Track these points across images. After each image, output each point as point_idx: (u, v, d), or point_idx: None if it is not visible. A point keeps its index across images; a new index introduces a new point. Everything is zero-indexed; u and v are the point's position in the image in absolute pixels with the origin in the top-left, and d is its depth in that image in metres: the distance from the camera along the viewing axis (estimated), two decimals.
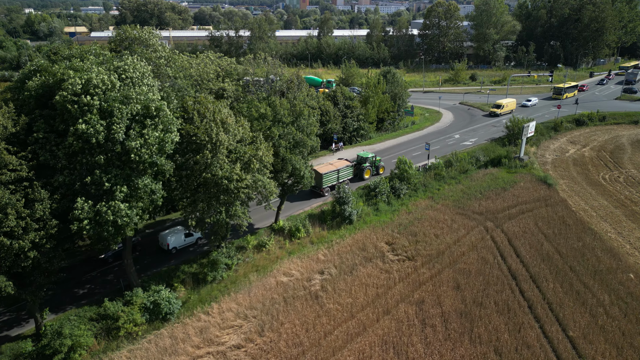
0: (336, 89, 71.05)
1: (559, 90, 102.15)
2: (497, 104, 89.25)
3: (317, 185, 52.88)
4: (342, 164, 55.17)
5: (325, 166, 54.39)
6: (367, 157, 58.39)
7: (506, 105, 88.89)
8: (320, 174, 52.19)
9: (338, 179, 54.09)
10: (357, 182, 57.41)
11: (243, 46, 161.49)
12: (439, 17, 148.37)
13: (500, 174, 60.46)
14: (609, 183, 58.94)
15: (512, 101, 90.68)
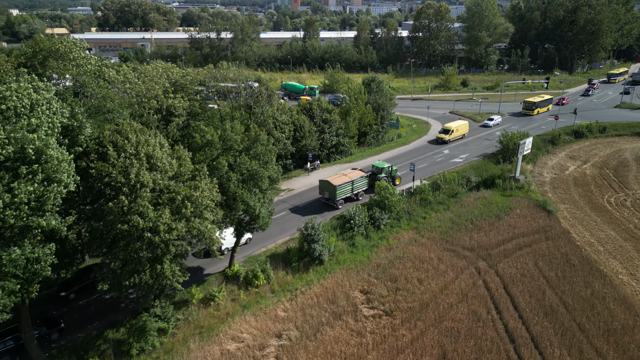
0: (312, 101, 64.14)
1: (530, 105, 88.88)
2: (446, 128, 73.66)
3: (331, 198, 49.82)
4: (357, 174, 51.77)
5: (339, 177, 50.90)
6: (382, 167, 54.52)
7: (456, 129, 73.65)
8: (334, 185, 48.84)
9: (352, 190, 50.94)
10: (371, 193, 52.55)
11: (225, 49, 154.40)
12: (429, 19, 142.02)
13: (494, 197, 53.90)
14: (615, 208, 52.54)
15: (463, 124, 75.44)
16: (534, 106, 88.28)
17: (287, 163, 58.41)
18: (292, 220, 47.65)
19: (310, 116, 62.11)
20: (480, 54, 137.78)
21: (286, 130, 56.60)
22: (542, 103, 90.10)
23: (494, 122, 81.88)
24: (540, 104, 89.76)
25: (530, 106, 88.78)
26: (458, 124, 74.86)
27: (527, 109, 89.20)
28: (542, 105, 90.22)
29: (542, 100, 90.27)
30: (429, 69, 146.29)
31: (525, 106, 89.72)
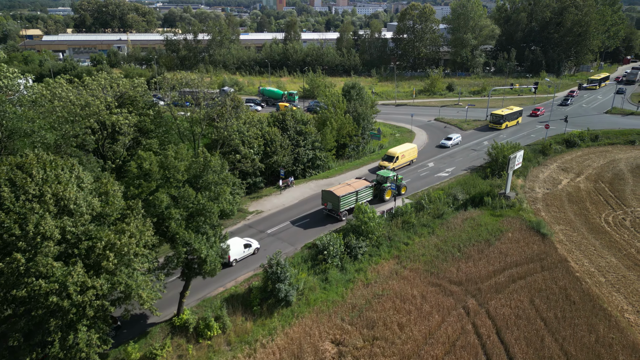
0: (286, 111, 58.76)
1: (497, 118, 79.45)
2: (390, 154, 61.01)
3: (334, 209, 47.26)
4: (361, 184, 49.33)
5: (343, 187, 48.20)
6: (387, 176, 52.30)
7: (402, 155, 61.67)
8: (337, 196, 46.26)
9: (357, 200, 48.03)
10: (376, 203, 51.27)
11: (203, 52, 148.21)
12: (414, 20, 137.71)
13: (483, 218, 49.15)
14: (614, 229, 48.17)
15: (411, 148, 63.65)
16: (501, 119, 79.43)
17: (256, 181, 52.99)
18: (258, 250, 42.26)
19: (283, 128, 56.73)
20: (466, 57, 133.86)
21: (255, 145, 51.31)
22: (510, 116, 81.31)
23: (452, 142, 71.61)
24: (509, 117, 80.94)
25: (497, 119, 79.76)
26: (405, 148, 62.87)
27: (495, 123, 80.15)
28: (511, 118, 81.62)
29: (511, 113, 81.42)
30: (414, 72, 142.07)
31: (493, 119, 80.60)
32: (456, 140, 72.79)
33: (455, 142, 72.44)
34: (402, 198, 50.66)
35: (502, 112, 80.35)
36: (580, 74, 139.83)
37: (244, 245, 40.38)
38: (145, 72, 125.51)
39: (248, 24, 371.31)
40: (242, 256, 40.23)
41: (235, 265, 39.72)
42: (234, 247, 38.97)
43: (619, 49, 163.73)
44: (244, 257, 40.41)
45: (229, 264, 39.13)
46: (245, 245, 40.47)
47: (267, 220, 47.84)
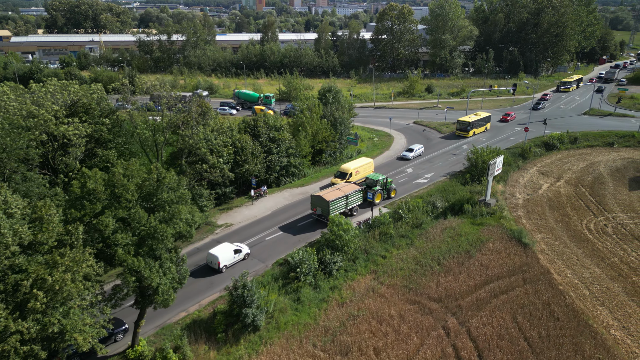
0: (257, 117, 56.02)
1: (465, 126, 75.49)
2: (343, 170, 54.89)
3: (324, 214, 45.83)
4: (351, 188, 48.22)
5: (332, 192, 46.79)
6: (377, 179, 51.26)
7: (357, 171, 55.21)
8: (327, 201, 44.97)
9: (347, 205, 47.36)
10: (366, 207, 50.20)
11: (178, 53, 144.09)
12: (392, 21, 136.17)
13: (463, 227, 47.33)
14: (597, 236, 46.89)
15: (367, 163, 57.03)
16: (468, 126, 75.20)
17: (226, 191, 50.17)
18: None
19: (254, 135, 54.00)
20: (444, 58, 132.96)
21: (224, 153, 48.49)
22: (478, 122, 76.91)
23: (413, 154, 66.05)
24: (476, 124, 76.58)
25: (464, 127, 75.63)
26: (360, 163, 56.46)
27: (462, 130, 76.09)
28: (479, 125, 77.40)
29: (479, 120, 77.00)
30: (393, 74, 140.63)
31: (459, 126, 76.41)
32: (418, 152, 67.17)
33: (417, 153, 66.77)
34: (379, 207, 48.48)
35: (469, 119, 76.02)
36: (558, 74, 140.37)
37: (234, 251, 39.52)
38: (115, 75, 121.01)
39: (227, 25, 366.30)
40: (233, 262, 39.40)
41: (225, 271, 38.66)
42: (224, 253, 38.61)
43: (595, 50, 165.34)
44: (234, 262, 39.56)
45: (219, 271, 38.41)
46: (235, 250, 39.61)
47: (237, 233, 45.06)
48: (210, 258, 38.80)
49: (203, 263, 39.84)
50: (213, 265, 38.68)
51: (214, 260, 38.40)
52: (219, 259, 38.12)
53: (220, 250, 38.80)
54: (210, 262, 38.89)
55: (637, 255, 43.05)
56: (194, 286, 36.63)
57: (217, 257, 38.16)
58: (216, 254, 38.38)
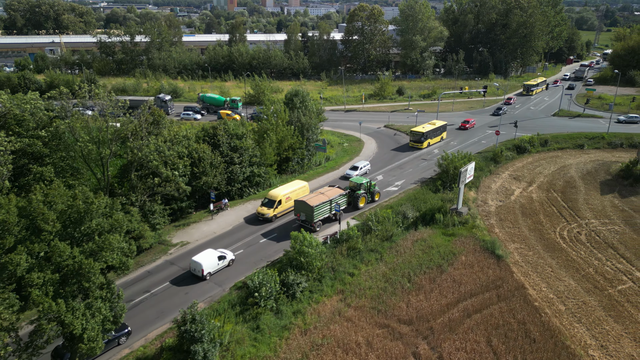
0: (218, 125, 52.57)
1: (418, 137, 70.11)
2: (271, 197, 48.01)
3: (308, 220, 45.15)
4: (335, 192, 47.72)
5: (316, 197, 46.14)
6: (360, 182, 50.96)
7: (287, 197, 48.51)
8: (311, 206, 44.18)
9: (331, 210, 46.67)
10: (351, 211, 50.07)
11: (142, 55, 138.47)
12: (362, 21, 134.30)
13: (435, 238, 45.17)
14: (570, 245, 45.47)
15: (299, 188, 50.30)
16: (422, 137, 69.69)
17: (182, 206, 46.59)
18: (177, 294, 36.13)
19: (214, 144, 50.56)
20: (415, 59, 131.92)
21: (180, 165, 44.95)
22: (432, 132, 71.66)
23: (358, 172, 58.95)
24: (431, 134, 71.38)
25: (418, 138, 70.14)
26: (292, 188, 49.94)
27: (415, 142, 70.78)
28: (434, 135, 72.22)
29: (434, 129, 71.71)
30: (364, 75, 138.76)
31: (412, 138, 71.25)
32: (364, 169, 60.58)
33: (362, 171, 60.18)
34: (346, 220, 45.82)
35: (423, 129, 70.49)
36: (527, 74, 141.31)
37: (219, 257, 38.77)
38: (73, 78, 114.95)
39: (197, 25, 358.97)
40: (217, 269, 38.62)
41: (209, 278, 37.77)
42: (208, 259, 37.76)
43: (562, 50, 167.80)
44: (218, 269, 38.78)
45: (203, 278, 37.46)
46: (219, 257, 38.84)
47: (194, 253, 41.43)
48: (194, 265, 37.63)
49: (163, 285, 36.41)
50: (197, 272, 37.50)
51: (197, 267, 37.29)
52: (203, 266, 37.03)
53: (203, 257, 37.69)
54: (194, 270, 37.74)
55: (612, 265, 41.74)
56: (140, 317, 33.11)
57: (200, 264, 37.02)
58: (199, 261, 37.25)
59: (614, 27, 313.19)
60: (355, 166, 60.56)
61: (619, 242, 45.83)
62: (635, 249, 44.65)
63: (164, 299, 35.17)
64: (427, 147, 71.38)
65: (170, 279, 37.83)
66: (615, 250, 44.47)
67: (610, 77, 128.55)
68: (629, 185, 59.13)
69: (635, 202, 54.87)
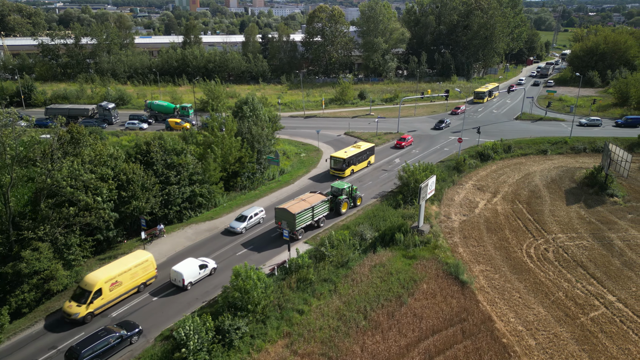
0: (152, 140, 46.78)
1: (340, 164, 58.88)
2: (85, 285, 32.91)
3: (290, 228, 43.33)
4: (317, 199, 46.43)
5: (298, 204, 44.70)
6: (342, 188, 49.99)
7: (115, 283, 33.79)
8: (293, 214, 42.95)
9: (313, 217, 45.71)
10: (333, 217, 49.01)
11: (89, 59, 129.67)
12: (323, 23, 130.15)
13: (395, 262, 41.10)
14: (538, 264, 42.32)
15: (137, 264, 35.35)
16: (344, 164, 58.73)
17: (109, 236, 40.69)
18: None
19: (147, 163, 44.82)
20: (377, 61, 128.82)
21: (104, 189, 39.09)
22: (357, 157, 60.86)
23: (248, 223, 45.66)
24: (355, 159, 60.57)
25: (339, 165, 58.99)
26: (127, 266, 34.72)
27: (337, 169, 59.53)
28: (358, 160, 61.47)
29: (358, 153, 60.82)
30: (326, 78, 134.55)
31: (334, 164, 59.70)
32: (255, 220, 46.44)
33: (252, 222, 46.26)
34: (296, 248, 41.06)
35: (345, 155, 59.29)
36: (489, 76, 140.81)
37: (200, 266, 37.46)
38: (9, 85, 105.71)
39: (156, 26, 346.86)
40: (198, 278, 37.35)
41: (190, 288, 36.56)
42: (189, 268, 36.48)
43: (522, 51, 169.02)
44: (200, 279, 37.56)
45: (184, 288, 36.22)
46: (201, 266, 37.55)
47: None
48: (174, 275, 36.31)
49: (74, 339, 30.57)
50: (177, 282, 36.28)
51: (177, 277, 36.08)
52: (183, 275, 35.82)
53: (184, 267, 36.40)
54: (174, 280, 36.48)
55: (582, 288, 38.75)
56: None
57: (181, 274, 35.79)
58: (180, 270, 36.00)
59: (570, 27, 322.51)
60: (244, 215, 46.00)
61: (588, 260, 43.07)
62: (605, 267, 41.96)
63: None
64: (350, 174, 59.79)
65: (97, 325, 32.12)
66: (584, 269, 41.62)
67: (570, 78, 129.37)
68: (595, 193, 57.04)
69: (601, 213, 52.65)
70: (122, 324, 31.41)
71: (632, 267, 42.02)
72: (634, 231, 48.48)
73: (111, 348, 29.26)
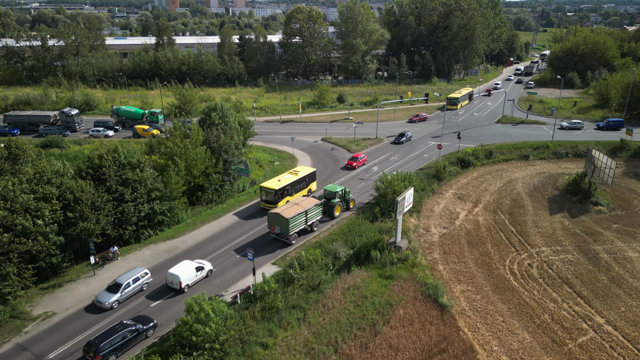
0: (105, 154, 42.81)
1: (271, 195, 48.93)
2: None
3: (283, 233, 43.15)
4: (310, 202, 45.62)
5: (291, 208, 43.92)
6: (335, 190, 48.97)
7: None
8: (286, 218, 42.28)
9: (306, 221, 44.97)
10: (327, 221, 48.38)
11: (57, 61, 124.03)
12: (301, 24, 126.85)
13: (370, 283, 38.02)
14: (522, 282, 39.74)
15: None
16: (276, 195, 48.55)
17: (53, 262, 36.68)
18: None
19: (98, 179, 40.89)
20: (357, 63, 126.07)
21: (47, 211, 35.12)
22: (294, 186, 50.98)
23: (118, 298, 34.25)
24: (291, 188, 50.76)
25: (270, 197, 48.92)
26: None
27: (267, 202, 49.32)
28: (296, 189, 51.79)
29: (295, 181, 51.04)
30: (305, 81, 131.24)
31: (265, 195, 49.66)
32: (137, 286, 35.86)
33: (132, 291, 35.45)
34: (262, 272, 37.62)
35: (277, 185, 49.30)
36: (469, 77, 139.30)
37: (196, 269, 37.42)
38: None
39: (134, 27, 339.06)
40: (195, 280, 37.36)
41: (187, 291, 36.36)
42: (185, 271, 36.57)
43: (503, 52, 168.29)
44: (196, 281, 37.53)
45: (181, 291, 36.12)
46: (197, 268, 37.52)
47: (59, 329, 31.96)
48: (171, 278, 36.28)
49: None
50: (174, 285, 36.17)
51: (174, 280, 36.07)
52: (180, 278, 35.83)
53: (181, 269, 36.52)
54: (171, 283, 36.40)
55: (569, 309, 36.22)
56: None
57: (178, 276, 35.79)
58: (177, 273, 36.06)
59: (549, 28, 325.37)
60: (118, 283, 34.73)
61: (573, 276, 40.66)
62: (592, 284, 39.58)
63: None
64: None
65: None
66: (571, 287, 39.17)
67: (550, 79, 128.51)
68: (578, 202, 54.95)
69: (586, 223, 50.49)
70: (137, 318, 32.03)
71: (619, 283, 39.74)
72: (620, 243, 46.37)
73: (128, 341, 29.95)
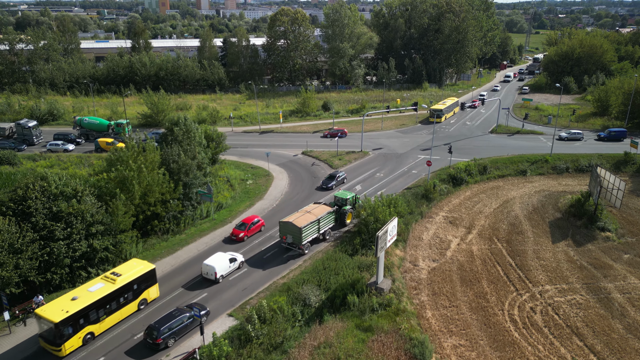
0: (31, 183, 36.24)
1: (49, 334, 28.80)
2: None
3: (295, 242, 41.37)
4: (323, 210, 44.19)
5: (303, 216, 42.25)
6: (346, 197, 47.47)
7: None
8: (299, 227, 40.36)
9: (319, 229, 43.37)
10: (338, 228, 46.68)
11: (24, 68, 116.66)
12: (286, 27, 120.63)
13: (345, 339, 31.75)
14: (524, 333, 33.75)
15: None
16: (57, 331, 28.43)
17: None
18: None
19: (22, 214, 34.35)
20: (344, 68, 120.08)
21: None
22: (101, 306, 30.89)
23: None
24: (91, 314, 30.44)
25: (49, 333, 28.94)
26: None
27: (48, 343, 29.34)
28: (107, 310, 31.52)
29: (103, 299, 30.96)
30: (291, 86, 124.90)
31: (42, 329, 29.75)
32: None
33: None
34: (213, 332, 31.28)
35: (61, 314, 28.80)
36: (462, 82, 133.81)
37: (230, 260, 38.44)
38: None
39: (121, 29, 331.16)
40: (228, 271, 38.51)
41: (222, 281, 37.45)
42: (220, 262, 37.67)
43: (496, 55, 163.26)
44: (229, 272, 38.66)
45: (216, 281, 37.27)
46: (230, 259, 38.52)
47: None
48: (206, 269, 37.45)
49: None
50: (209, 276, 37.37)
51: (210, 271, 37.25)
52: (216, 269, 37.04)
53: (215, 260, 37.64)
54: (206, 274, 37.55)
55: None
56: None
57: (213, 267, 37.00)
58: (212, 264, 37.17)
59: (542, 30, 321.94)
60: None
61: (584, 324, 34.76)
62: (606, 334, 33.71)
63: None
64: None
65: None
66: (581, 338, 33.25)
67: (545, 84, 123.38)
68: (583, 226, 49.20)
69: (593, 253, 44.70)
70: (191, 306, 33.09)
71: (637, 332, 33.88)
72: (633, 278, 40.60)
73: (185, 326, 31.20)
